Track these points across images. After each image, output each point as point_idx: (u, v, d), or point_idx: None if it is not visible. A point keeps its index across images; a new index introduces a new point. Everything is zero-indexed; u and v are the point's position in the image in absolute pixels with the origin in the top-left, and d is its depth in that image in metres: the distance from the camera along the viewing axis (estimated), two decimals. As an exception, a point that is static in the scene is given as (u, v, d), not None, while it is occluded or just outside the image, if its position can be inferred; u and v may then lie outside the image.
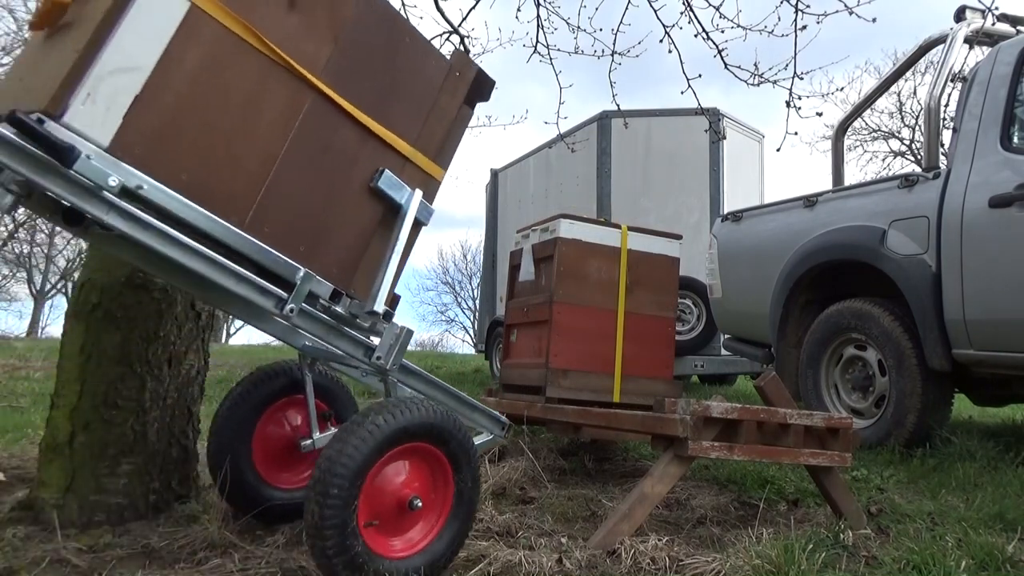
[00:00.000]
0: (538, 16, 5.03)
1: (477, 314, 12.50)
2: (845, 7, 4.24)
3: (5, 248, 23.46)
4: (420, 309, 40.56)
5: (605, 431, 3.10)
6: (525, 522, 2.35)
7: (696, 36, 4.65)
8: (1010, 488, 2.79)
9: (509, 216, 9.38)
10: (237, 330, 33.69)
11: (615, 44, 5.04)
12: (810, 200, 4.40)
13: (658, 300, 3.59)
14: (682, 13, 4.63)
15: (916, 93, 17.42)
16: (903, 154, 18.83)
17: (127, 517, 2.16)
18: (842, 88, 23.07)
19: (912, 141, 18.47)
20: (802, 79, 4.67)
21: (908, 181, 3.79)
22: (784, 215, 4.59)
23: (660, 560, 1.94)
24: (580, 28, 5.01)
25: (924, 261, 3.57)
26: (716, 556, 1.94)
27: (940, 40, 4.20)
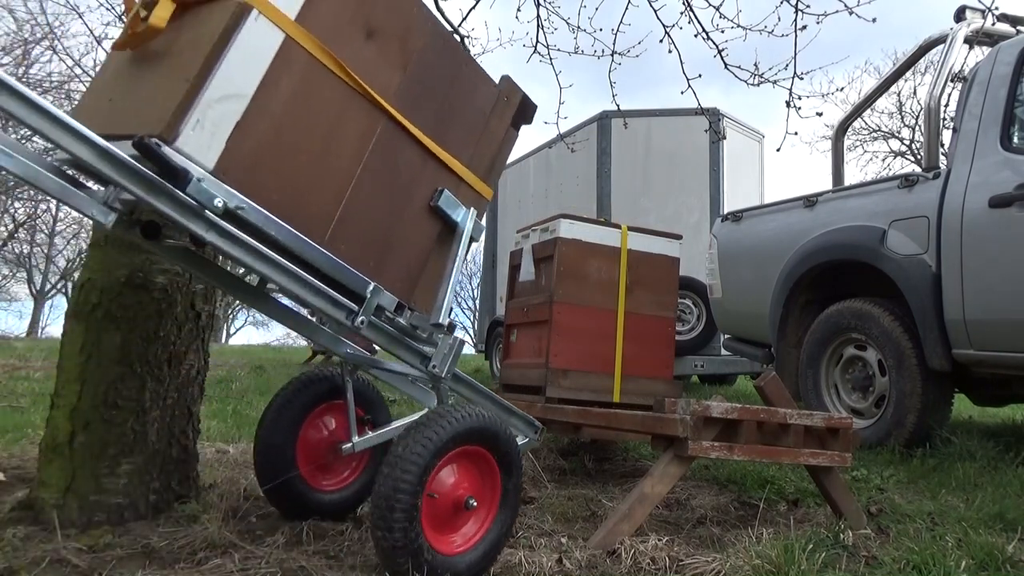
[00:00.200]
0: (538, 16, 5.03)
1: (477, 314, 12.51)
2: (845, 7, 4.25)
3: (5, 248, 23.46)
4: (420, 309, 40.38)
5: (605, 431, 3.10)
6: (525, 522, 2.35)
7: (696, 36, 4.65)
8: (1010, 488, 2.79)
9: (509, 216, 9.38)
10: (237, 330, 33.76)
11: (615, 44, 5.04)
12: (810, 200, 4.40)
13: (658, 300, 3.59)
14: (682, 13, 4.63)
15: (916, 93, 17.41)
16: (903, 154, 18.82)
17: (127, 517, 2.16)
18: (842, 88, 23.08)
19: (912, 141, 18.47)
20: (802, 79, 4.67)
21: (908, 181, 3.80)
22: (784, 215, 4.59)
23: (660, 560, 1.95)
24: (580, 28, 5.01)
25: (924, 261, 3.57)
26: (716, 556, 1.94)
27: (940, 40, 4.20)
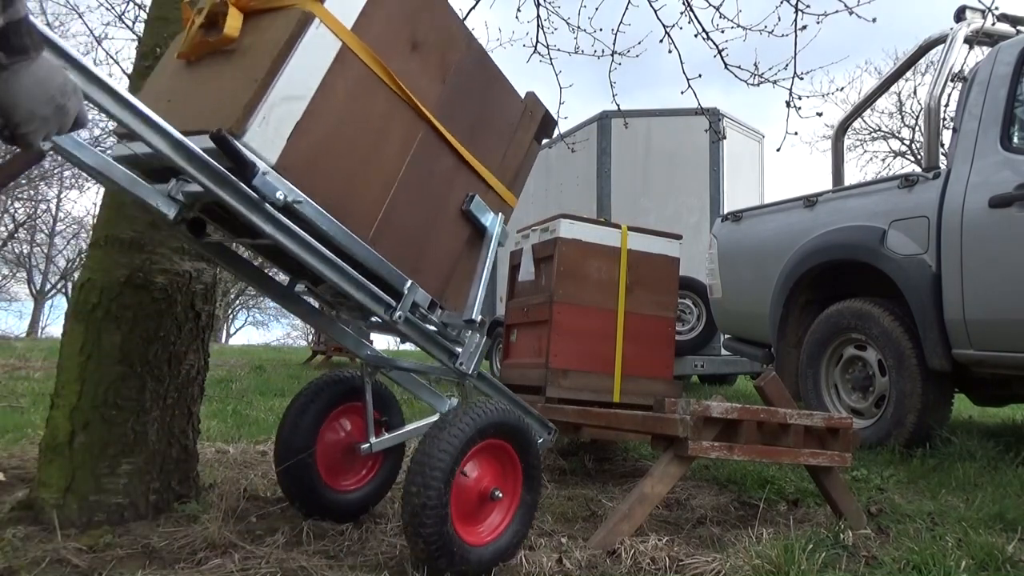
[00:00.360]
0: (538, 16, 5.04)
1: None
2: (845, 7, 4.25)
3: (5, 248, 23.46)
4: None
5: (605, 431, 3.10)
6: (525, 522, 2.34)
7: (696, 36, 4.65)
8: (1010, 488, 2.79)
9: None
10: (237, 330, 33.75)
11: (615, 44, 5.06)
12: (810, 200, 4.39)
13: (658, 300, 3.59)
14: (682, 13, 4.64)
15: (916, 93, 17.37)
16: (903, 154, 18.80)
17: (127, 517, 2.16)
18: (842, 88, 23.14)
19: (912, 141, 18.46)
20: (802, 79, 4.68)
21: (908, 181, 3.79)
22: (784, 215, 4.59)
23: (660, 560, 1.95)
24: (580, 28, 5.03)
25: (924, 261, 3.57)
26: (716, 556, 1.94)
27: (940, 40, 4.20)
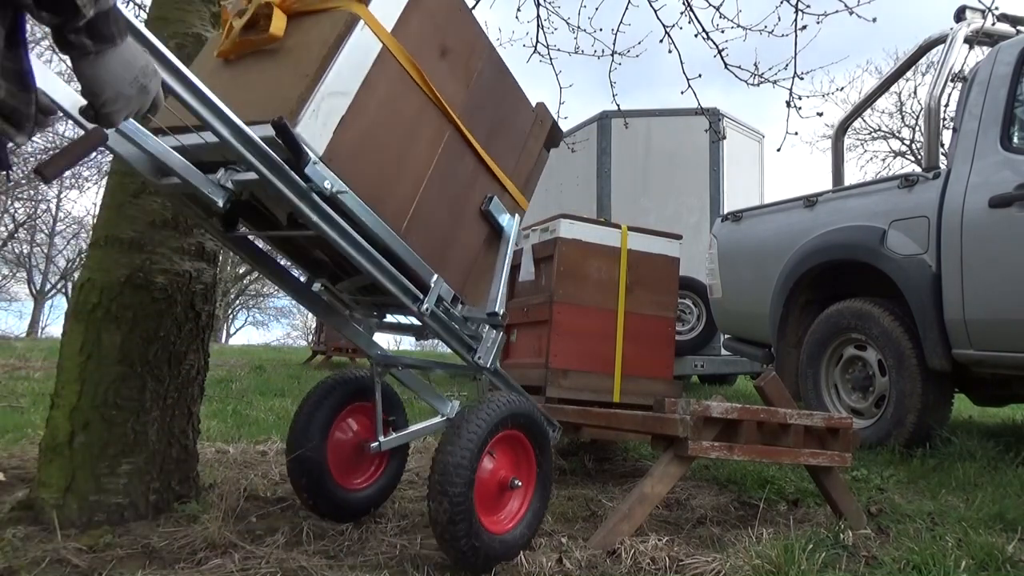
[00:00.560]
0: (538, 16, 5.04)
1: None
2: (845, 7, 4.26)
3: (5, 248, 23.45)
4: (420, 309, 40.39)
5: (605, 431, 3.10)
6: (525, 522, 2.34)
7: (696, 36, 4.66)
8: (1010, 488, 2.78)
9: (509, 216, 9.37)
10: (237, 330, 33.72)
11: (615, 44, 5.07)
12: (810, 200, 4.39)
13: (658, 300, 3.59)
14: (682, 13, 4.64)
15: (916, 93, 17.35)
16: (903, 154, 18.79)
17: (127, 517, 2.16)
18: (842, 88, 23.12)
19: (912, 141, 18.45)
20: (802, 79, 4.69)
21: (908, 181, 3.79)
22: (784, 215, 4.59)
23: (660, 560, 1.94)
24: (580, 28, 5.03)
25: (924, 261, 3.57)
26: (716, 556, 1.94)
27: (940, 40, 4.20)
